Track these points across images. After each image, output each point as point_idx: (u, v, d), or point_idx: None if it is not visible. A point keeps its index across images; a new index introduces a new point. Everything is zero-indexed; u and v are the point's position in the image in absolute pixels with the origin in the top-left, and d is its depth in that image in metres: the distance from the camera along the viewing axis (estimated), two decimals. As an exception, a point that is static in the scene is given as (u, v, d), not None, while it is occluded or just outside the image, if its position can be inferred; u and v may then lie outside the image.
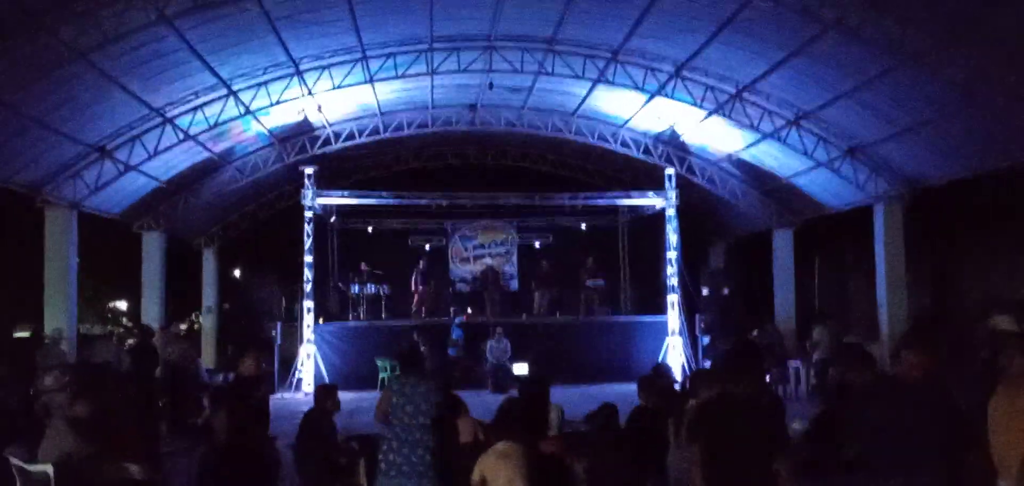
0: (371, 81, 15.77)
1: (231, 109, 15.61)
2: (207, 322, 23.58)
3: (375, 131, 18.91)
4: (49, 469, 6.80)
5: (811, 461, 4.96)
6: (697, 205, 23.30)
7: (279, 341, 18.56)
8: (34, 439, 7.96)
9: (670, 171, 19.15)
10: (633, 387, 7.67)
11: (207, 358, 21.02)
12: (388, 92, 17.10)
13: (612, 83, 16.00)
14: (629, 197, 20.97)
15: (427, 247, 22.97)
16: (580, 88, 17.06)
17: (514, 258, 23.67)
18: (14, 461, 7.08)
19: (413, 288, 21.07)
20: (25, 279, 19.61)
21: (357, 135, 18.81)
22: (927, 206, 16.99)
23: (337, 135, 18.68)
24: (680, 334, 18.79)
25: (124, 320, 28.66)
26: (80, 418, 7.09)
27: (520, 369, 17.14)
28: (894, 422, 4.52)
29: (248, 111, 15.83)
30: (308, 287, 17.97)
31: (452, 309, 20.92)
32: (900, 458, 4.49)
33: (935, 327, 15.25)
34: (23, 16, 10.30)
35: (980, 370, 6.41)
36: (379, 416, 6.75)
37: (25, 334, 15.42)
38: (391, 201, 19.47)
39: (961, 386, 6.48)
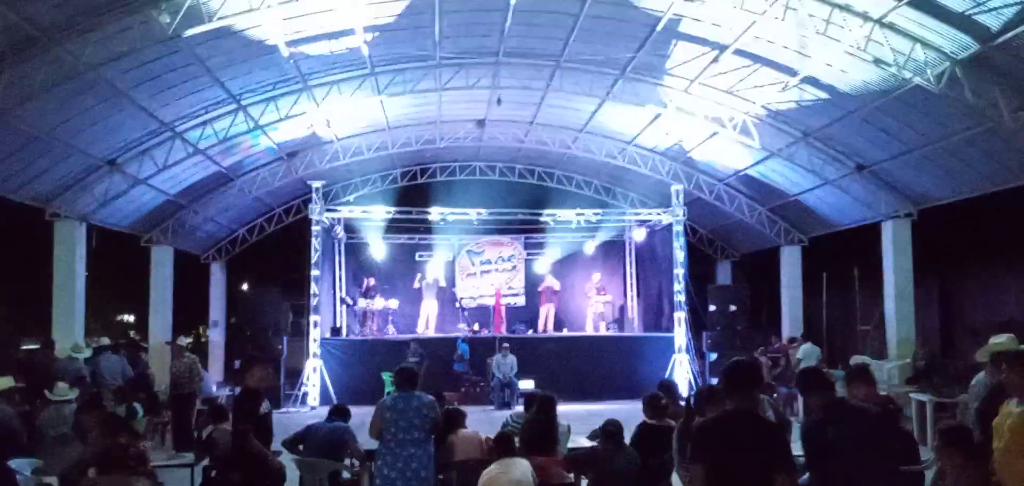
0: (380, 96, 15.82)
1: (240, 123, 15.70)
2: (214, 335, 23.61)
3: (383, 146, 18.97)
4: (54, 481, 6.83)
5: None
6: (704, 221, 23.31)
7: (285, 355, 18.58)
8: (41, 450, 7.99)
9: (677, 187, 19.14)
10: (639, 404, 7.64)
11: (214, 372, 21.03)
12: (396, 107, 17.16)
13: (620, 99, 16.02)
14: (636, 213, 20.97)
15: (434, 262, 22.98)
16: (588, 104, 17.09)
17: (521, 273, 23.67)
18: (20, 473, 7.11)
19: (420, 302, 21.10)
20: (33, 292, 19.69)
21: (365, 150, 18.87)
22: (935, 224, 16.94)
23: (345, 150, 18.74)
24: (687, 351, 18.73)
25: (132, 333, 28.71)
26: (85, 430, 7.11)
27: (526, 385, 17.09)
28: (845, 445, 4.58)
29: (257, 126, 15.91)
30: (315, 301, 17.99)
31: (460, 325, 20.94)
32: (852, 480, 4.54)
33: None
34: (34, 31, 10.39)
35: (987, 391, 6.40)
36: (373, 433, 6.80)
37: (34, 346, 15.45)
38: (398, 216, 19.48)
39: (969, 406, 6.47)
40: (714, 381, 17.54)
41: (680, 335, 18.82)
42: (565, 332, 20.84)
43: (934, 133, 13.68)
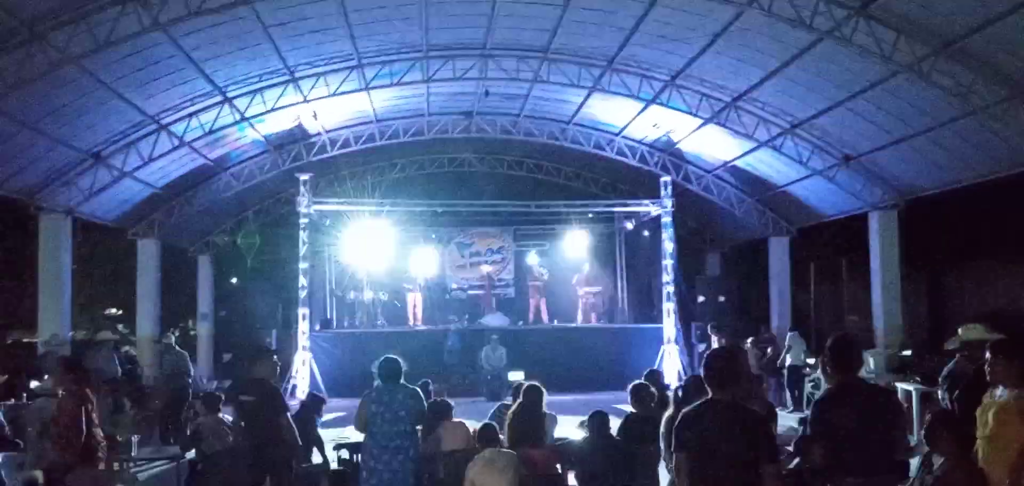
0: (367, 88, 15.76)
1: (226, 116, 15.61)
2: (202, 329, 23.52)
3: (371, 138, 18.91)
4: (39, 475, 6.80)
5: (797, 470, 4.95)
6: (693, 213, 23.33)
7: (275, 348, 18.51)
8: (26, 444, 7.95)
9: (666, 179, 19.15)
10: (627, 395, 7.66)
11: (203, 365, 20.97)
12: (384, 99, 17.09)
13: (608, 91, 16.01)
14: (625, 205, 20.98)
15: (423, 254, 22.92)
16: (576, 96, 17.06)
17: (511, 265, 23.66)
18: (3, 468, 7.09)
19: (408, 295, 21.06)
20: (19, 286, 19.57)
21: (353, 142, 18.80)
22: (922, 214, 17.02)
23: (333, 142, 18.67)
24: (676, 342, 18.77)
25: (120, 327, 28.54)
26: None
27: (515, 376, 17.08)
28: (848, 426, 4.55)
29: (243, 118, 15.82)
30: (303, 294, 17.93)
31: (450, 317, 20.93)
32: (856, 462, 4.52)
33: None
34: (16, 22, 10.30)
35: (969, 378, 6.44)
36: (358, 425, 6.82)
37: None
38: (387, 208, 19.41)
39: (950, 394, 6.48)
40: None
41: (669, 326, 18.86)
42: (554, 323, 20.83)
43: (920, 123, 13.73)
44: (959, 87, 11.67)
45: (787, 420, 11.46)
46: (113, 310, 29.22)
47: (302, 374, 17.48)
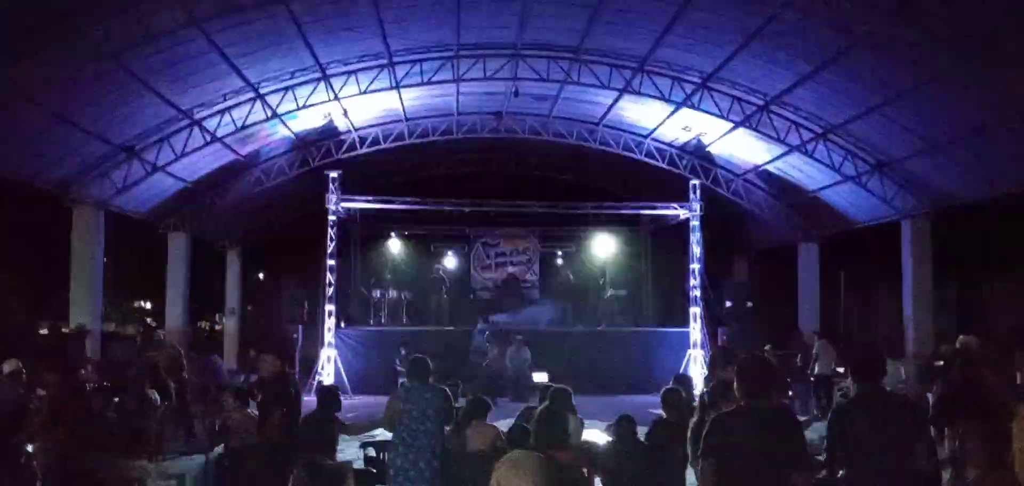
0: (397, 87, 15.79)
1: (258, 112, 15.70)
2: (230, 324, 23.71)
3: (400, 137, 18.97)
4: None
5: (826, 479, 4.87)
6: (722, 217, 23.15)
7: (300, 344, 18.62)
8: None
9: (695, 182, 19.03)
10: (653, 398, 7.60)
11: (229, 360, 21.13)
12: (414, 98, 17.13)
13: (638, 93, 15.93)
14: (653, 208, 20.86)
15: (449, 254, 22.97)
16: (606, 97, 17.01)
17: (536, 267, 23.62)
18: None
19: (433, 293, 21.10)
20: (52, 277, 19.82)
21: (382, 140, 18.87)
22: (955, 224, 16.78)
23: (362, 140, 18.74)
24: (702, 346, 18.64)
25: (149, 320, 28.89)
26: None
27: (540, 378, 17.04)
28: (866, 436, 4.47)
29: (275, 114, 15.91)
30: (330, 291, 17.99)
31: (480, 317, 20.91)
32: (875, 472, 4.43)
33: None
34: (53, 17, 10.42)
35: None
36: (386, 423, 6.81)
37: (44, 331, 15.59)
38: (414, 207, 19.45)
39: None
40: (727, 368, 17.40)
41: (695, 330, 18.74)
42: (579, 326, 20.77)
43: (956, 131, 13.52)
44: (997, 94, 11.48)
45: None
46: (142, 303, 29.59)
47: (327, 371, 17.57)
